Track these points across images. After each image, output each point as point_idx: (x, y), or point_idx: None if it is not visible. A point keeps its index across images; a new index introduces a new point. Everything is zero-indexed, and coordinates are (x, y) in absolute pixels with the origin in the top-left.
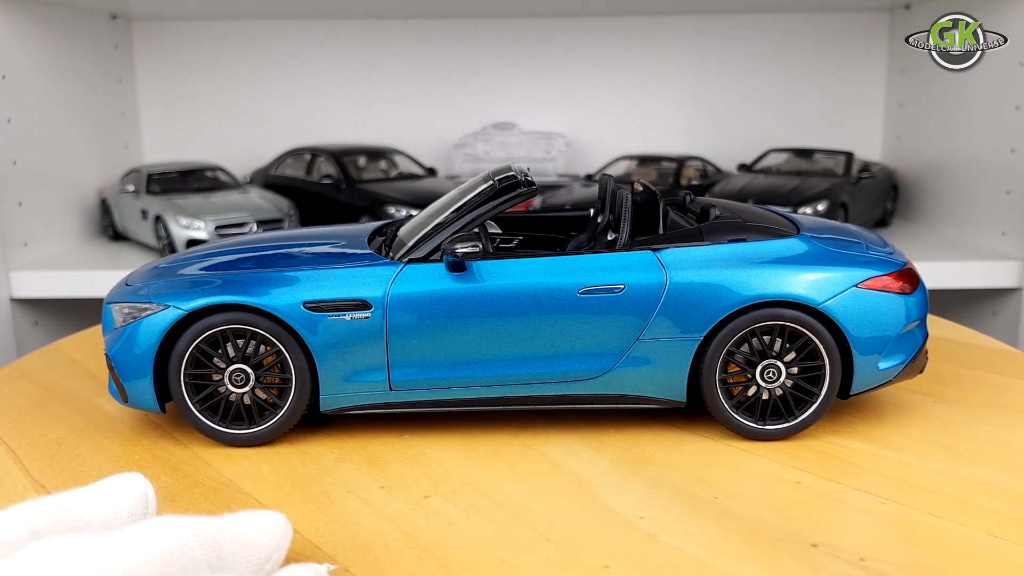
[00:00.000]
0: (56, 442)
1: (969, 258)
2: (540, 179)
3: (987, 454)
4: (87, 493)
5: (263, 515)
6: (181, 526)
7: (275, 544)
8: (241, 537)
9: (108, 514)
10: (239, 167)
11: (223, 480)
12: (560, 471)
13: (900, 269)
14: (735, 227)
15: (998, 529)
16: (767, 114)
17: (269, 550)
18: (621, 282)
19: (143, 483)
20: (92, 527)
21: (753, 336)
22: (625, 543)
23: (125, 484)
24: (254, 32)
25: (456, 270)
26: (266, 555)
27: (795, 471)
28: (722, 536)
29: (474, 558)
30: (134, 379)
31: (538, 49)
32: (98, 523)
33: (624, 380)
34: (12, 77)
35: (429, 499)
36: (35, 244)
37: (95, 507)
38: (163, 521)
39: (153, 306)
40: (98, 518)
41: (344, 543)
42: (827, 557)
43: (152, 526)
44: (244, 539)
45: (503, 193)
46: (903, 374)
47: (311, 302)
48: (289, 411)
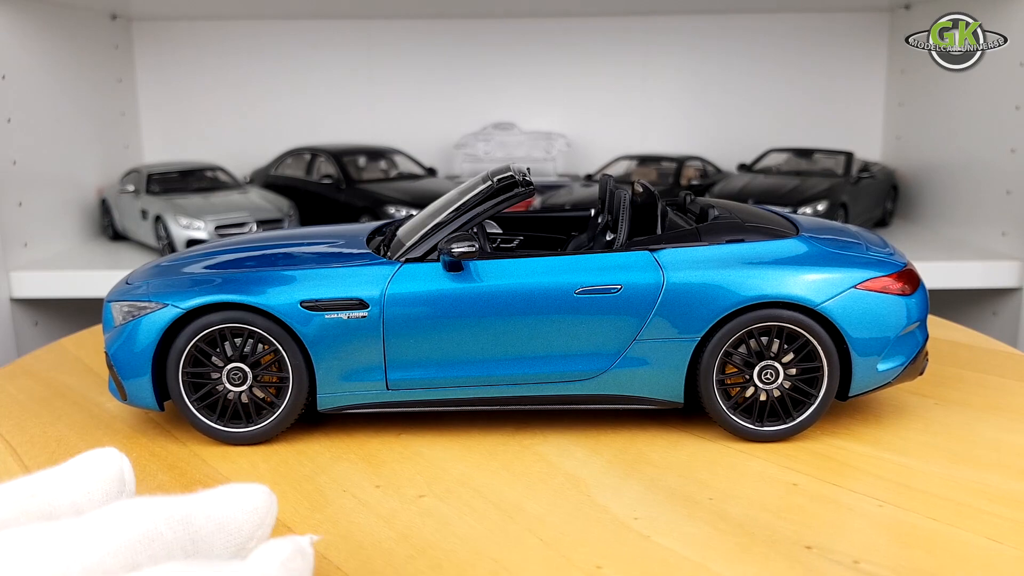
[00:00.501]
0: (56, 439)
1: (969, 258)
2: (540, 179)
3: (987, 457)
4: (57, 473)
5: (242, 489)
6: (150, 509)
7: (257, 520)
8: (217, 516)
9: (80, 495)
10: (239, 167)
11: (220, 478)
12: (556, 471)
13: (900, 270)
14: (733, 227)
15: (996, 533)
16: (767, 114)
17: (251, 527)
18: (618, 282)
19: (118, 459)
20: (62, 511)
21: (751, 337)
22: (618, 544)
23: (98, 461)
24: (254, 32)
25: (453, 270)
26: (248, 533)
27: (792, 473)
28: (716, 537)
29: (466, 558)
30: (133, 377)
31: (538, 49)
32: (68, 506)
33: (621, 381)
34: (12, 77)
35: (424, 498)
36: (35, 244)
37: (66, 489)
38: (131, 505)
39: (152, 304)
40: (68, 500)
41: (337, 542)
42: (821, 559)
43: (118, 511)
44: (221, 518)
45: (501, 193)
46: (903, 376)
47: (308, 301)
48: (286, 410)
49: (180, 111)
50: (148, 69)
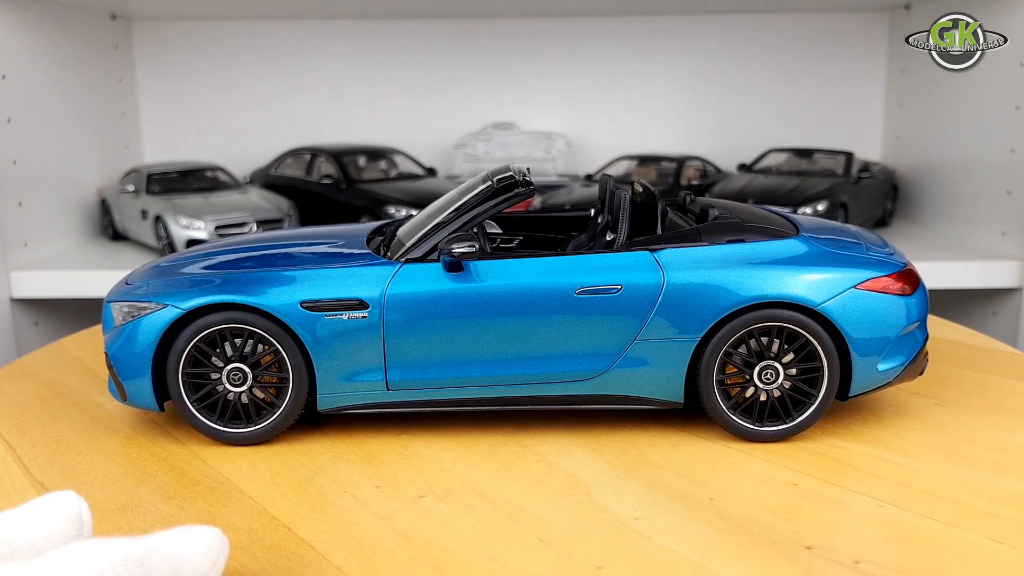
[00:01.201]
0: (56, 440)
1: (969, 258)
2: (540, 179)
3: (987, 457)
4: (16, 515)
5: (196, 531)
6: (107, 549)
7: (210, 561)
8: (173, 557)
9: (38, 537)
10: (239, 167)
11: (220, 479)
12: (556, 471)
13: (900, 270)
14: (733, 227)
15: (996, 533)
16: (767, 114)
17: (204, 568)
18: (618, 282)
19: (76, 502)
20: (22, 551)
21: (751, 337)
22: (618, 544)
23: (56, 504)
24: (254, 32)
25: (453, 270)
26: (200, 573)
27: (792, 473)
28: (716, 537)
29: (466, 558)
30: (133, 378)
31: (538, 49)
32: (28, 546)
33: (621, 381)
34: (12, 77)
35: (424, 499)
36: (35, 244)
37: (25, 530)
38: (89, 545)
39: (152, 305)
40: (28, 541)
41: (337, 542)
42: (822, 559)
43: (76, 551)
44: (176, 559)
45: (501, 193)
46: (903, 376)
47: (308, 301)
48: (287, 410)
49: (180, 111)
50: (148, 69)
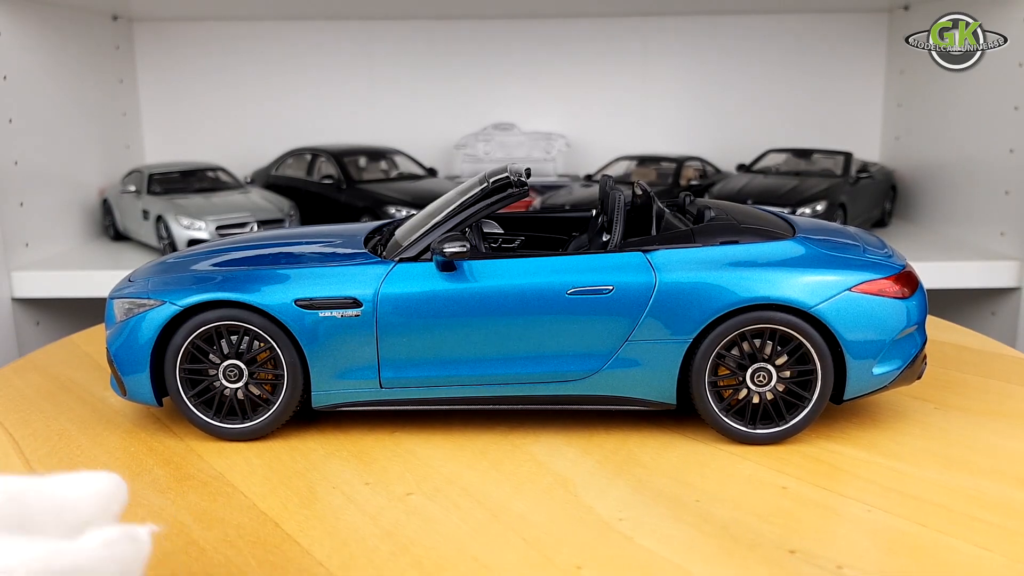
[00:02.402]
0: (58, 433)
1: (968, 258)
2: (540, 179)
3: (982, 463)
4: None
5: (88, 475)
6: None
7: (99, 505)
8: (55, 496)
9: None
10: (240, 167)
11: (213, 473)
12: (544, 471)
13: (898, 272)
14: (728, 229)
15: (985, 540)
16: (766, 114)
17: (90, 512)
18: (610, 283)
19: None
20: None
21: (744, 339)
22: (600, 544)
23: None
24: (254, 32)
25: (446, 270)
26: (85, 518)
27: (782, 476)
28: (699, 540)
29: (447, 555)
30: (132, 373)
31: (538, 49)
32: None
33: (613, 381)
34: (13, 78)
35: (411, 496)
36: (36, 244)
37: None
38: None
39: (151, 302)
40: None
41: (322, 538)
42: (804, 564)
43: None
44: (58, 498)
45: (495, 193)
46: (899, 380)
47: (303, 300)
48: (281, 407)
49: (181, 111)
50: (149, 70)
